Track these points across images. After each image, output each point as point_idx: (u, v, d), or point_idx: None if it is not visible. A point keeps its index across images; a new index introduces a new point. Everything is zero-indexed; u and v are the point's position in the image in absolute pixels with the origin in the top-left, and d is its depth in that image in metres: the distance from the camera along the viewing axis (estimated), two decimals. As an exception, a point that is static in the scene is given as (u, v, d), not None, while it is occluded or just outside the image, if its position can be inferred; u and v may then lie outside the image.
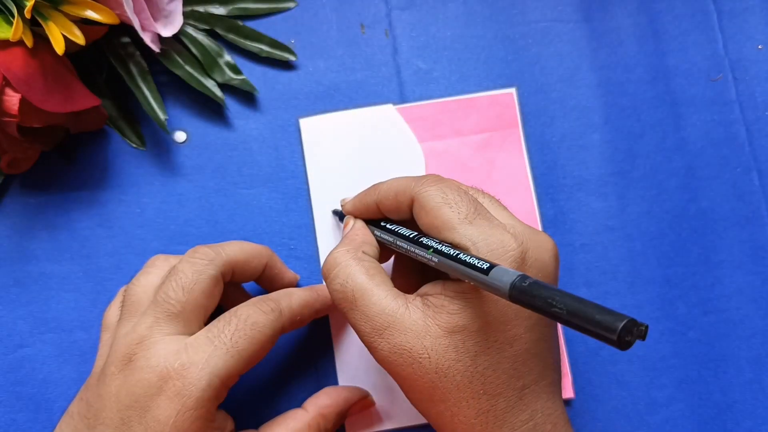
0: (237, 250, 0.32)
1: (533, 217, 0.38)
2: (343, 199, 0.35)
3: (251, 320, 0.29)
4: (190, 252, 0.31)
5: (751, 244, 0.38)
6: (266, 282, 0.35)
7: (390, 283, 0.29)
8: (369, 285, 0.28)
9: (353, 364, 0.37)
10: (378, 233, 0.32)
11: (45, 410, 0.36)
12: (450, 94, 0.40)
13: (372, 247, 0.31)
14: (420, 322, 0.27)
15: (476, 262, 0.25)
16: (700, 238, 0.38)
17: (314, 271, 0.38)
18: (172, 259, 0.32)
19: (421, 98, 0.40)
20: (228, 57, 0.39)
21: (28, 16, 0.32)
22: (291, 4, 0.41)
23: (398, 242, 0.30)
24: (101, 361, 0.31)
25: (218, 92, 0.39)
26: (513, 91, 0.40)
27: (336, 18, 0.41)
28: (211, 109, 0.40)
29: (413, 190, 0.29)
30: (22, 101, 0.32)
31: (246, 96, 0.40)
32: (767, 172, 0.39)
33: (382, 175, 0.39)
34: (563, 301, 0.21)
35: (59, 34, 0.33)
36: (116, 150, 0.39)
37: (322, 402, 0.33)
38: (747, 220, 0.39)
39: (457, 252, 0.26)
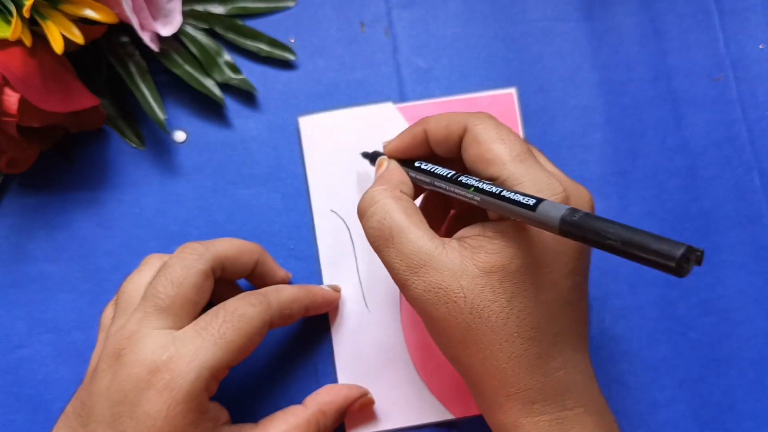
0: (227, 246, 0.32)
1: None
2: (385, 142, 0.35)
3: (239, 312, 0.29)
4: (180, 248, 0.31)
5: (752, 244, 0.38)
6: (258, 279, 0.35)
7: (426, 224, 0.28)
8: (406, 223, 0.28)
9: (353, 363, 0.37)
10: (413, 174, 0.31)
11: (43, 411, 0.36)
12: (450, 93, 0.40)
13: (408, 186, 0.31)
14: (456, 261, 0.26)
15: (522, 198, 0.24)
16: (702, 238, 0.38)
17: (314, 271, 0.38)
18: (167, 258, 0.32)
19: (421, 97, 0.40)
20: (227, 56, 0.39)
21: (26, 15, 0.32)
22: (290, 3, 0.40)
23: (436, 182, 0.30)
24: (95, 360, 0.31)
25: (218, 92, 0.39)
26: (513, 91, 0.40)
27: (336, 17, 0.40)
28: (210, 109, 0.40)
29: (467, 121, 0.29)
30: (21, 101, 0.32)
31: (245, 95, 0.40)
32: (769, 171, 0.39)
33: (382, 174, 0.39)
34: (617, 232, 0.20)
35: (58, 34, 0.33)
36: (115, 150, 0.39)
37: (321, 399, 0.33)
38: (749, 220, 0.38)
39: (501, 189, 0.26)
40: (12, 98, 0.32)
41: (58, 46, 0.32)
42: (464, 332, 0.27)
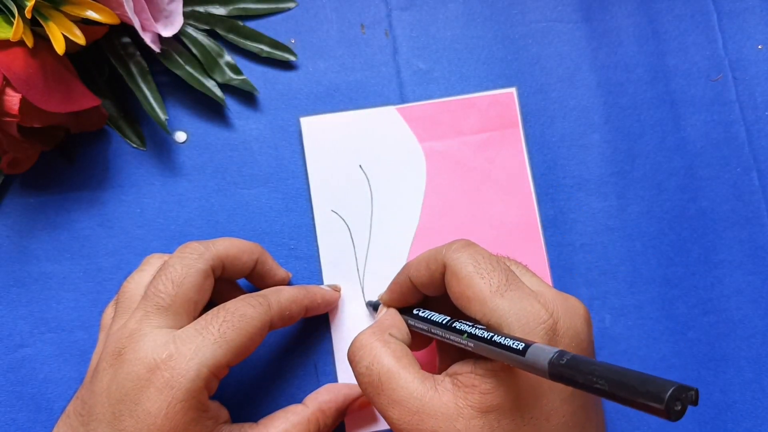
0: (227, 246, 0.33)
1: (533, 217, 0.39)
2: (380, 294, 0.35)
3: (239, 312, 0.30)
4: (180, 248, 0.32)
5: (750, 244, 0.38)
6: (258, 279, 0.35)
7: (417, 366, 0.28)
8: (395, 368, 0.27)
9: (353, 364, 0.37)
10: (412, 322, 0.32)
11: (45, 410, 0.37)
12: (450, 95, 0.40)
13: (400, 330, 0.31)
14: (451, 404, 0.26)
15: (511, 343, 0.24)
16: (700, 238, 0.39)
17: (314, 271, 0.38)
18: (167, 257, 0.32)
19: (421, 98, 0.40)
20: (228, 57, 0.39)
21: (28, 16, 0.32)
22: (291, 5, 0.41)
23: (433, 330, 0.30)
24: (95, 359, 0.31)
25: (218, 92, 0.39)
26: (513, 90, 0.40)
27: (336, 18, 0.41)
28: (211, 109, 0.40)
29: (444, 256, 0.29)
30: (23, 101, 0.32)
31: (246, 96, 0.40)
32: (767, 172, 0.39)
33: (383, 175, 0.39)
34: (604, 375, 0.20)
35: (60, 34, 0.33)
36: (116, 150, 0.39)
37: (321, 398, 0.34)
38: (747, 220, 0.39)
39: (491, 334, 0.26)
40: (13, 98, 0.32)
41: (59, 47, 0.33)
42: None
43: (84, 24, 0.35)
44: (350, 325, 0.37)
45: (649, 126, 0.40)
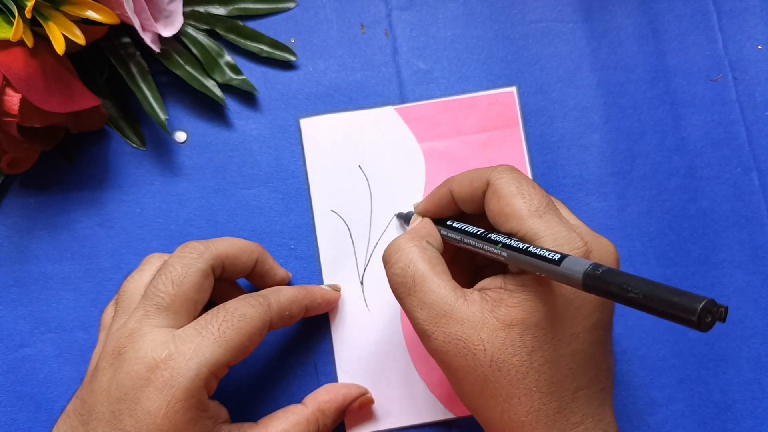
0: (227, 245, 0.33)
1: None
2: (416, 203, 0.36)
3: (239, 312, 0.30)
4: (180, 247, 0.32)
5: (750, 244, 0.38)
6: (257, 279, 0.35)
7: (449, 275, 0.29)
8: (429, 273, 0.28)
9: (353, 363, 0.37)
10: (444, 232, 0.32)
11: (45, 410, 0.37)
12: (450, 94, 0.40)
13: (435, 239, 0.31)
14: (477, 313, 0.27)
15: (547, 253, 0.25)
16: (700, 238, 0.39)
17: (314, 271, 0.38)
18: (167, 257, 0.32)
19: (421, 98, 0.40)
20: (228, 57, 0.39)
21: (28, 16, 0.32)
22: (291, 5, 0.41)
23: (466, 239, 0.30)
24: (95, 359, 0.31)
25: (218, 92, 0.39)
26: (513, 90, 0.40)
27: (336, 18, 0.41)
28: (211, 109, 0.40)
29: (489, 175, 0.29)
30: (23, 101, 0.32)
31: (246, 96, 0.40)
32: (767, 172, 0.39)
33: (382, 175, 0.39)
34: (639, 286, 0.21)
35: (60, 35, 0.33)
36: (116, 150, 0.39)
37: (321, 398, 0.34)
38: (747, 220, 0.39)
39: (527, 245, 0.26)
40: (13, 99, 0.32)
41: (59, 47, 0.33)
42: (483, 385, 0.27)
43: (84, 24, 0.35)
44: (350, 325, 0.37)
45: (649, 126, 0.40)
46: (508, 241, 0.27)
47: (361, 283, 0.38)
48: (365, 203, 0.39)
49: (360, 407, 0.35)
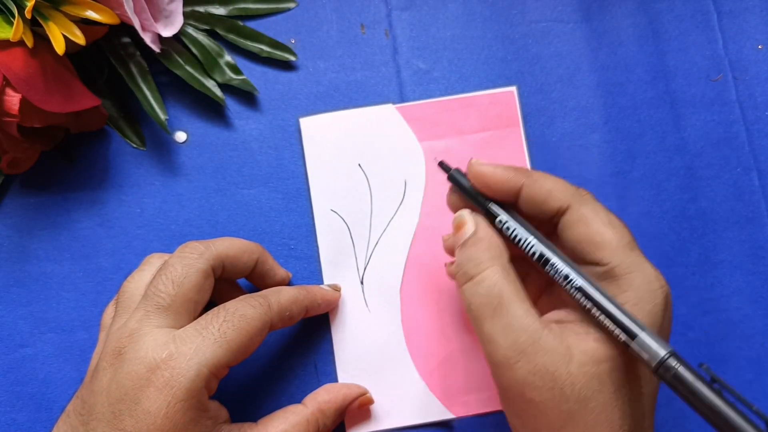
0: (227, 245, 0.33)
1: (533, 217, 0.38)
2: (476, 161, 0.31)
3: (239, 312, 0.30)
4: (180, 247, 0.32)
5: (751, 244, 0.38)
6: (258, 279, 0.35)
7: (531, 302, 0.27)
8: (515, 297, 0.27)
9: (353, 363, 0.37)
10: (511, 225, 0.30)
11: (45, 410, 0.37)
12: (450, 94, 0.40)
13: (506, 253, 0.29)
14: (562, 345, 0.26)
15: (626, 321, 0.25)
16: (700, 238, 0.39)
17: (314, 270, 0.38)
18: (167, 257, 0.32)
19: (421, 98, 0.40)
20: (228, 57, 0.39)
21: (28, 16, 0.32)
22: (291, 5, 0.41)
23: (533, 248, 0.29)
24: (95, 359, 0.31)
25: (218, 92, 0.39)
26: (513, 89, 0.40)
27: (336, 18, 0.41)
28: (211, 109, 0.40)
29: (573, 199, 0.29)
30: (23, 101, 0.32)
31: (246, 96, 0.40)
32: (767, 172, 0.39)
33: (382, 174, 0.39)
34: (709, 402, 0.22)
35: (60, 35, 0.33)
36: (116, 150, 0.39)
37: (321, 398, 0.34)
38: (747, 220, 0.39)
39: (613, 301, 0.26)
40: (13, 99, 0.32)
41: (59, 47, 0.33)
42: (566, 420, 0.25)
43: (84, 24, 0.35)
44: (350, 325, 0.37)
45: (649, 126, 0.40)
46: (589, 288, 0.27)
47: (361, 283, 0.38)
48: (365, 202, 0.39)
49: (360, 407, 0.35)
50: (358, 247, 0.38)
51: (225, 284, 0.35)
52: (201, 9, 0.40)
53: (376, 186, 0.39)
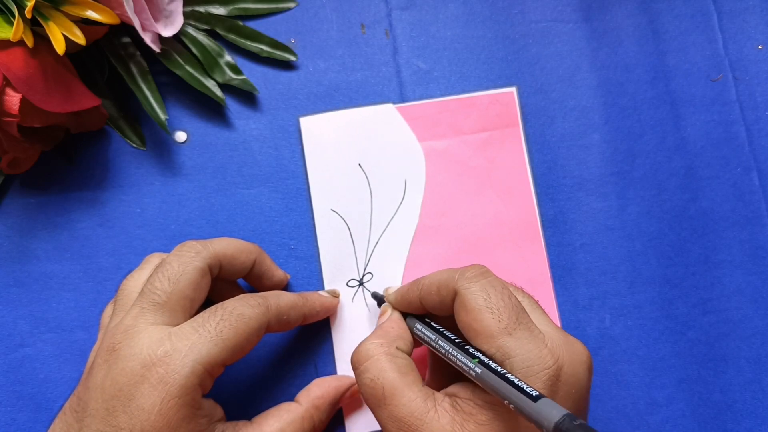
0: (225, 245, 0.33)
1: (533, 217, 0.39)
2: (387, 288, 0.35)
3: (237, 311, 0.30)
4: (178, 246, 0.32)
5: (751, 243, 0.38)
6: (256, 280, 0.35)
7: (420, 382, 0.28)
8: (400, 384, 0.28)
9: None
10: (419, 328, 0.31)
11: (45, 410, 0.37)
12: (450, 94, 0.40)
13: (406, 342, 0.31)
14: (448, 427, 0.26)
15: (525, 386, 0.24)
16: (700, 238, 0.39)
17: (314, 270, 0.38)
18: (166, 256, 0.32)
19: (421, 98, 0.40)
20: (228, 57, 0.39)
21: (28, 16, 0.32)
22: (291, 4, 0.41)
23: (440, 342, 0.29)
24: (92, 356, 0.31)
25: (219, 92, 0.39)
26: (513, 90, 0.40)
27: (336, 18, 0.41)
28: (211, 109, 0.40)
29: (456, 283, 0.29)
30: (23, 101, 0.32)
31: (246, 96, 0.40)
32: (767, 172, 0.39)
33: (382, 173, 0.39)
34: None
35: (60, 34, 0.33)
36: (117, 150, 0.39)
37: (313, 394, 0.34)
38: (747, 220, 0.39)
39: (505, 371, 0.26)
40: (13, 99, 0.32)
41: (59, 47, 0.33)
42: None
43: (84, 24, 0.35)
44: (350, 325, 0.37)
45: (649, 126, 0.40)
46: (486, 360, 0.27)
47: (361, 283, 0.38)
48: (365, 202, 0.39)
49: (352, 395, 0.35)
50: (358, 247, 0.38)
51: (225, 284, 0.35)
52: (201, 9, 0.40)
53: (376, 186, 0.39)
